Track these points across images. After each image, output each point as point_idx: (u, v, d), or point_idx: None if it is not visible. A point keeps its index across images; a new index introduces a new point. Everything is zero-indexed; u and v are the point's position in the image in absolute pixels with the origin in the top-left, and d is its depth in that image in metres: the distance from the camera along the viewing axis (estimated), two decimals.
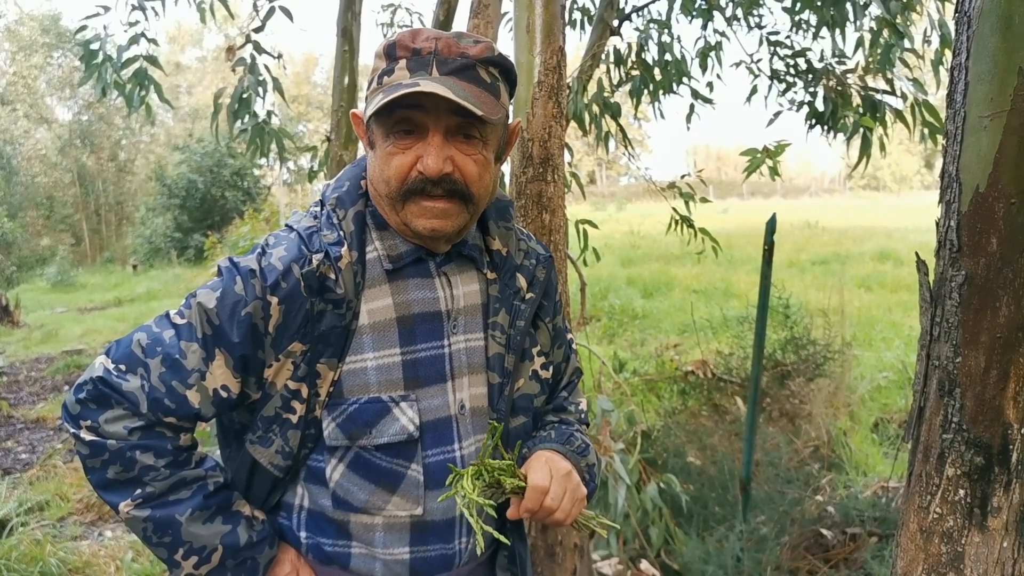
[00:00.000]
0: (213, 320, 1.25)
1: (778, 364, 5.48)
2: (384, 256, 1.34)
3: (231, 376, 1.26)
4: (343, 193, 1.35)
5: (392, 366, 1.31)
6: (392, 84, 1.23)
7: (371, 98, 1.26)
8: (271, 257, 1.27)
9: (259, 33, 4.54)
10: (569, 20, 5.21)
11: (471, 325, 1.39)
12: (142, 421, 1.25)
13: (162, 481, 1.27)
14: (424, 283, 1.36)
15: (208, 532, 1.30)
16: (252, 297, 1.25)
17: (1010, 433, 1.52)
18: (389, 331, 1.32)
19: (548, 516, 1.33)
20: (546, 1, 2.51)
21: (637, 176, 5.14)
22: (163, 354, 1.25)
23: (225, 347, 1.25)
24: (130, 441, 1.24)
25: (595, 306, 10.61)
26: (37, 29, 28.74)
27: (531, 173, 2.51)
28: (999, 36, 1.46)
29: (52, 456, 5.74)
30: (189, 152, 24.70)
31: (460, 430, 1.37)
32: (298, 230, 1.32)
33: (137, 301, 15.16)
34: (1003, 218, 1.47)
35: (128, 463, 1.25)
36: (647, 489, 3.66)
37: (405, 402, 1.31)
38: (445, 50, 1.23)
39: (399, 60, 1.24)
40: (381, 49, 1.28)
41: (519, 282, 1.44)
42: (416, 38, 1.25)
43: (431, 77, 1.21)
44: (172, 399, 1.24)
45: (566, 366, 1.59)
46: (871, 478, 4.58)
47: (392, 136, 1.26)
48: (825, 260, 14.96)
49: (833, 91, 4.65)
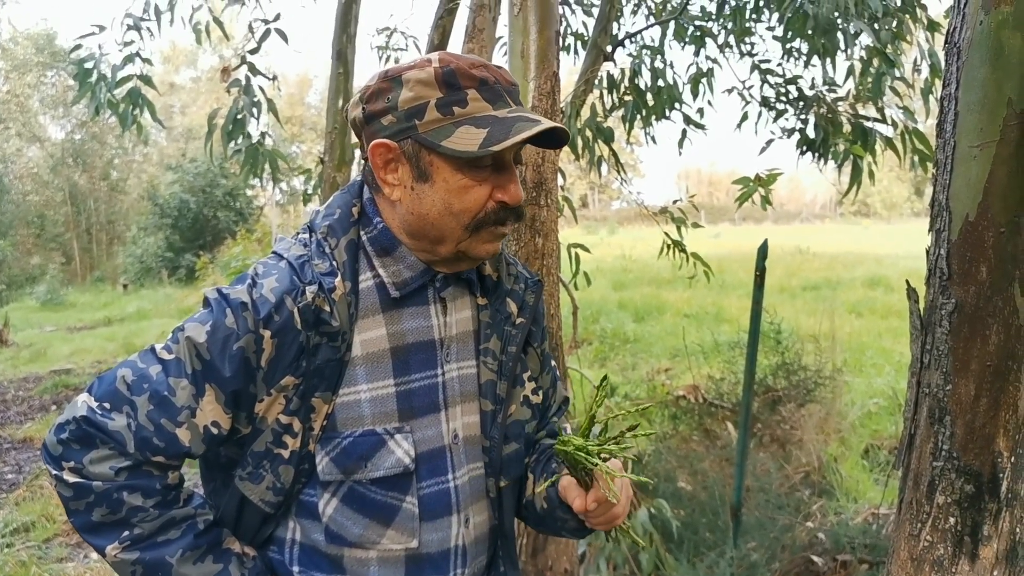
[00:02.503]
0: (203, 355, 1.21)
1: (769, 389, 5.48)
2: (390, 284, 1.31)
3: (222, 412, 1.23)
4: (334, 221, 1.31)
5: (386, 397, 1.29)
6: (479, 115, 1.20)
7: (444, 129, 1.21)
8: (262, 288, 1.23)
9: (254, 54, 4.57)
10: (563, 46, 5.25)
11: (463, 352, 1.38)
12: (129, 461, 1.20)
13: (151, 522, 1.23)
14: (419, 311, 1.34)
15: (199, 572, 1.26)
16: (244, 331, 1.21)
17: (1000, 462, 1.52)
18: (383, 362, 1.29)
19: (613, 519, 1.32)
20: (540, 27, 2.53)
21: (629, 200, 5.15)
22: (150, 391, 1.21)
23: (216, 382, 1.21)
24: (116, 482, 1.20)
25: (586, 330, 10.61)
26: (31, 48, 28.78)
27: (524, 197, 2.51)
28: (988, 67, 1.47)
29: (39, 477, 5.68)
30: (182, 172, 24.72)
31: (454, 459, 1.35)
32: (288, 259, 1.27)
33: (127, 320, 15.09)
34: (992, 247, 1.48)
35: (115, 504, 1.21)
36: (637, 514, 3.65)
37: (400, 434, 1.29)
38: (502, 80, 1.25)
39: (466, 90, 1.21)
40: (430, 77, 1.21)
41: (510, 307, 1.43)
42: (471, 65, 1.23)
43: (512, 109, 1.22)
44: (161, 438, 1.20)
45: (553, 391, 1.58)
46: (862, 504, 4.57)
47: (469, 170, 1.22)
48: (816, 285, 15.02)
49: (824, 118, 4.68)
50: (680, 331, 8.01)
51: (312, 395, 1.24)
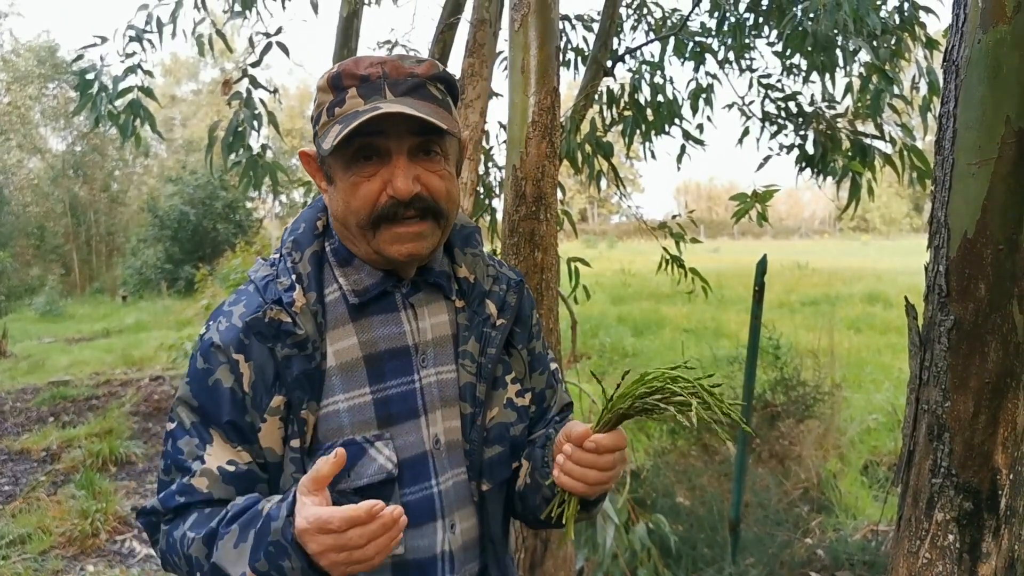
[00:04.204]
0: (193, 404, 1.27)
1: (768, 405, 5.47)
2: (349, 291, 1.32)
3: (232, 450, 1.26)
4: (299, 235, 1.34)
5: (364, 406, 1.30)
6: (347, 113, 1.21)
7: (324, 132, 1.24)
8: (232, 317, 1.28)
9: (255, 67, 4.58)
10: (563, 61, 5.27)
11: (442, 357, 1.37)
12: (169, 515, 1.28)
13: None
14: (389, 318, 1.34)
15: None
16: (218, 364, 1.25)
17: (999, 478, 1.52)
18: (357, 371, 1.30)
19: (597, 475, 1.24)
20: (541, 42, 2.54)
21: (628, 215, 5.17)
22: (172, 462, 1.28)
23: (214, 424, 1.26)
24: (168, 533, 1.27)
25: (585, 344, 10.61)
26: (33, 60, 28.83)
27: (524, 211, 2.52)
28: (987, 85, 1.48)
29: (35, 488, 5.67)
30: (182, 184, 24.73)
31: (436, 465, 1.34)
32: (255, 281, 1.32)
33: (126, 332, 15.06)
34: (991, 264, 1.49)
35: (175, 550, 1.26)
36: (636, 529, 3.63)
37: (380, 441, 1.29)
38: (393, 72, 1.23)
39: (347, 89, 1.23)
40: (324, 82, 1.26)
41: (489, 308, 1.41)
42: (360, 65, 1.23)
43: (387, 100, 1.20)
44: (181, 493, 1.25)
45: (552, 394, 1.55)
46: (860, 521, 4.56)
47: (354, 166, 1.24)
48: (815, 301, 15.03)
49: (823, 135, 4.70)
50: (679, 346, 8.02)
51: (300, 409, 1.26)
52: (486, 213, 4.87)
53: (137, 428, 7.42)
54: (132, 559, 4.58)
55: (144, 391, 8.91)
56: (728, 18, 5.07)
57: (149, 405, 8.30)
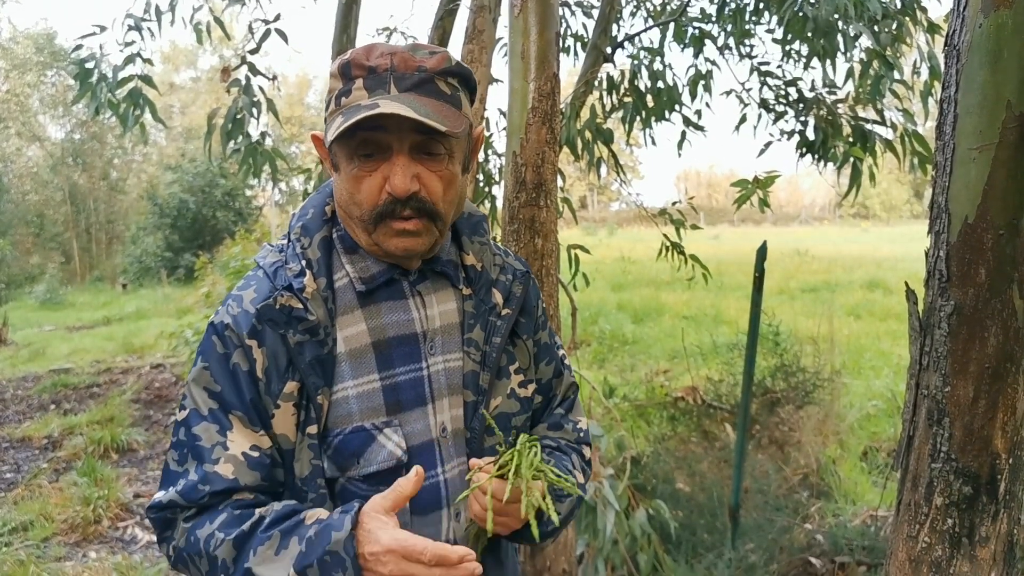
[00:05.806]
0: (212, 388, 1.25)
1: (768, 391, 5.48)
2: (356, 279, 1.32)
3: (255, 435, 1.25)
4: (308, 220, 1.34)
5: (372, 392, 1.30)
6: (351, 105, 1.20)
7: (331, 120, 1.23)
8: (243, 302, 1.27)
9: (254, 54, 4.56)
10: (563, 47, 5.25)
11: (449, 345, 1.37)
12: (191, 511, 1.25)
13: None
14: (398, 305, 1.34)
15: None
16: (233, 347, 1.25)
17: (998, 463, 1.53)
18: (366, 357, 1.30)
19: (499, 521, 1.27)
20: (540, 28, 2.53)
21: (628, 202, 5.17)
22: (189, 450, 1.25)
23: (236, 408, 1.25)
24: (190, 530, 1.24)
25: (585, 331, 10.61)
26: (31, 48, 28.73)
27: (524, 198, 2.52)
28: (988, 70, 1.48)
29: (37, 476, 5.69)
30: (181, 172, 24.70)
31: (443, 453, 1.35)
32: (264, 267, 1.31)
33: (126, 320, 15.07)
34: (991, 249, 1.49)
35: (195, 548, 1.22)
36: (636, 515, 3.65)
37: (389, 428, 1.29)
38: (401, 65, 1.21)
39: (355, 79, 1.22)
40: (336, 69, 1.25)
41: (495, 298, 1.41)
42: (371, 55, 1.22)
43: (390, 96, 1.19)
44: (205, 482, 1.23)
45: (558, 381, 1.55)
46: (860, 506, 4.58)
47: (356, 159, 1.23)
48: (815, 288, 15.02)
49: (823, 121, 4.69)
50: (679, 332, 8.01)
51: (316, 395, 1.26)
52: (486, 200, 4.86)
53: (138, 415, 7.44)
54: (134, 546, 4.60)
55: (145, 379, 8.93)
56: (728, 4, 5.04)
57: (150, 393, 8.31)
